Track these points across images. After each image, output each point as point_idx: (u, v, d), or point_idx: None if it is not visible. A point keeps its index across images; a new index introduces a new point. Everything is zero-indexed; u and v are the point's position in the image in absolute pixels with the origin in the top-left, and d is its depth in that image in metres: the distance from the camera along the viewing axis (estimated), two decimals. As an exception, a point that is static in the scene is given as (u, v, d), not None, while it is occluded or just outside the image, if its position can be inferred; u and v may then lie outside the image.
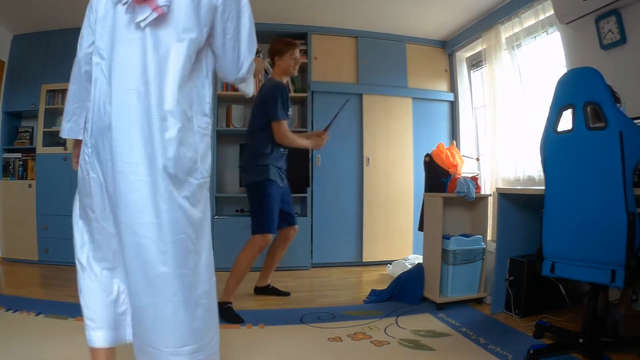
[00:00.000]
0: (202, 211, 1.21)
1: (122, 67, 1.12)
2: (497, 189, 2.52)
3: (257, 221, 2.43)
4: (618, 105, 1.64)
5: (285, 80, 2.65)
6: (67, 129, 1.34)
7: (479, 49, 3.94)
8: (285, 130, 2.42)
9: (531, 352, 1.72)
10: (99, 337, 1.23)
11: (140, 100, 1.10)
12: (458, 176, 2.76)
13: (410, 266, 3.13)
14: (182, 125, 1.14)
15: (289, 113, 2.51)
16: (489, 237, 2.84)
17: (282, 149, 2.54)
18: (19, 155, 3.96)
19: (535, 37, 3.21)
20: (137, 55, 1.11)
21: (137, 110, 1.10)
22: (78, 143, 1.35)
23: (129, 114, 1.10)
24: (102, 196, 1.18)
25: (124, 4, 1.12)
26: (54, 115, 4.01)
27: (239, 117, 3.92)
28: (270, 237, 2.46)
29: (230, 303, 2.36)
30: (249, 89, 1.41)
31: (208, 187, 1.26)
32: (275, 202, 2.47)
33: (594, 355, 1.66)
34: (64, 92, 3.89)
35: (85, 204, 1.23)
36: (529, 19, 3.20)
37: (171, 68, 1.12)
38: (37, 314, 2.26)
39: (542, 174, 1.89)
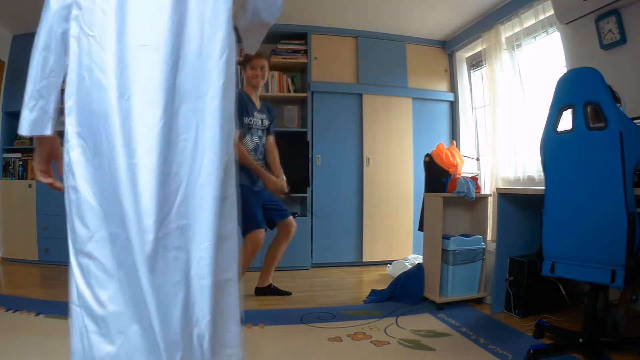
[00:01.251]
0: None
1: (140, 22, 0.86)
2: (497, 189, 2.52)
3: (243, 225, 2.47)
4: (618, 105, 1.64)
5: (255, 91, 2.71)
6: (31, 122, 0.91)
7: (479, 49, 3.93)
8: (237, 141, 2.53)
9: (531, 352, 1.72)
10: None
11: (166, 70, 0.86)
12: (458, 176, 2.76)
13: (410, 266, 3.13)
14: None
15: (248, 121, 2.60)
16: (489, 237, 2.84)
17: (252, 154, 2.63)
18: (19, 155, 3.96)
19: (535, 37, 3.21)
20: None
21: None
22: (45, 141, 0.97)
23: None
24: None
25: None
26: (54, 115, 4.01)
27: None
28: (261, 232, 2.51)
29: None
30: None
31: None
32: (254, 203, 2.54)
33: (594, 355, 1.66)
34: (63, 92, 3.87)
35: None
36: (529, 19, 3.20)
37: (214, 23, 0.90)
38: (37, 314, 2.26)
39: (542, 174, 1.89)
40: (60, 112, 0.91)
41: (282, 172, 2.75)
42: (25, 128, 0.92)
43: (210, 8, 0.90)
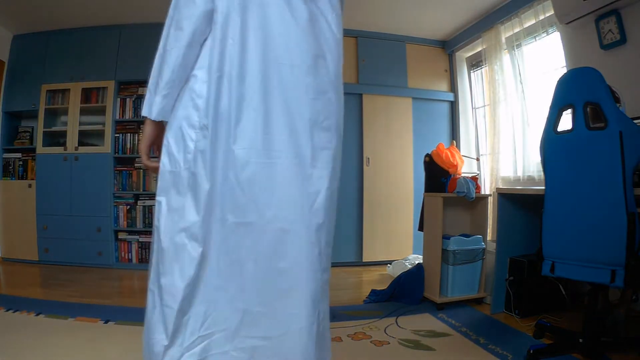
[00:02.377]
0: None
1: (265, 34, 0.94)
2: (497, 189, 2.52)
3: None
4: (618, 105, 1.64)
5: None
6: (162, 108, 1.00)
7: (479, 49, 3.94)
8: None
9: (531, 352, 1.72)
10: None
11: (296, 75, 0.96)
12: (458, 176, 2.76)
13: (410, 266, 3.13)
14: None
15: None
16: (489, 237, 2.84)
17: None
18: (19, 155, 3.97)
19: (535, 37, 3.21)
20: (283, 23, 0.95)
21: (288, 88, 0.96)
22: (157, 127, 1.05)
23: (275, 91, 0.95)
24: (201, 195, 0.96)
25: None
26: (54, 115, 4.01)
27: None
28: None
29: None
30: None
31: None
32: None
33: (594, 355, 1.66)
34: (64, 92, 3.89)
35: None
36: (529, 19, 3.21)
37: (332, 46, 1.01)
38: (37, 314, 2.26)
39: (542, 173, 1.89)
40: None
41: None
42: (155, 112, 1.00)
43: (334, 37, 1.02)
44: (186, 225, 0.95)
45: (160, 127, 1.05)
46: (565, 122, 1.71)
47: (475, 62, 4.20)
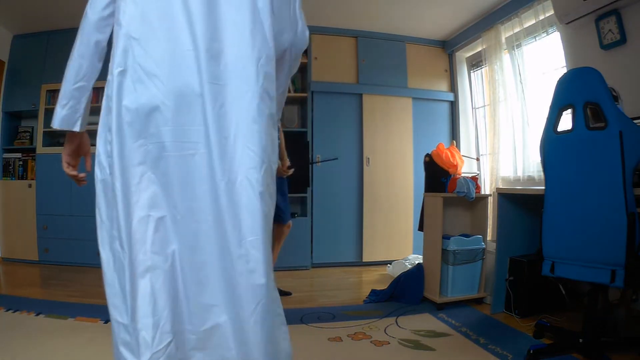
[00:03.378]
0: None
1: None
2: (497, 189, 2.52)
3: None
4: (616, 103, 1.64)
5: None
6: (62, 117, 1.00)
7: (479, 49, 3.94)
8: None
9: (531, 352, 1.72)
10: None
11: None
12: (458, 176, 2.76)
13: (410, 266, 3.13)
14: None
15: None
16: (489, 237, 2.85)
17: None
18: (19, 155, 3.97)
19: (535, 37, 3.21)
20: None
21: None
22: (74, 137, 1.05)
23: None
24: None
25: None
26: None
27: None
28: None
29: None
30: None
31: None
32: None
33: (594, 355, 1.66)
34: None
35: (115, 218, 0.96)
36: (529, 19, 3.21)
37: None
38: (37, 314, 2.26)
39: (542, 173, 1.89)
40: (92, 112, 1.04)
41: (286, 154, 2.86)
42: (56, 122, 1.01)
43: (248, 19, 0.95)
44: (117, 233, 0.92)
45: (79, 135, 1.04)
46: (565, 122, 1.71)
47: (475, 62, 4.20)
